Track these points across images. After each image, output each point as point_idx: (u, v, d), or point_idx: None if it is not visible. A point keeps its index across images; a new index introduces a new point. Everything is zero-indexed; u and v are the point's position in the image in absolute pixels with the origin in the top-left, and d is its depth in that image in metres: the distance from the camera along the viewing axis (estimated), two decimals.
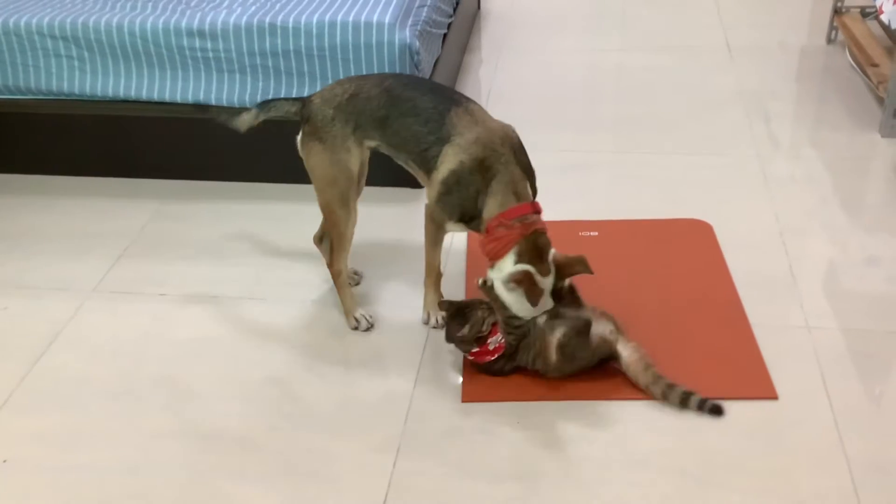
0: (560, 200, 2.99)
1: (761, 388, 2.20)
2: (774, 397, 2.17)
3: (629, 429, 2.10)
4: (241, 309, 2.56)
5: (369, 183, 2.53)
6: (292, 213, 2.93)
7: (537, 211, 2.20)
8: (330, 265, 2.44)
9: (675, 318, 2.42)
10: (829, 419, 2.11)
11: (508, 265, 2.14)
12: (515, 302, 2.16)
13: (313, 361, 2.35)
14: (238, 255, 2.79)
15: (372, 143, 2.32)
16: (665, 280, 2.58)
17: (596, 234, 2.80)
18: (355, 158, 2.31)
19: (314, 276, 2.60)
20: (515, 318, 2.18)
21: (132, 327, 2.50)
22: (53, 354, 2.41)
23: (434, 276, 2.41)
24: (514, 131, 2.25)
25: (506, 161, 2.17)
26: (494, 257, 2.18)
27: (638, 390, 2.18)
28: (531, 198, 2.22)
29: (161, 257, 2.78)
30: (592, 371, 2.23)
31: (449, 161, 2.18)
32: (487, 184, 2.16)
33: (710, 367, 2.26)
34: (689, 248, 2.72)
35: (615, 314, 2.44)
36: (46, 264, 2.78)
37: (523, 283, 2.11)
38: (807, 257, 2.67)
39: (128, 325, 2.51)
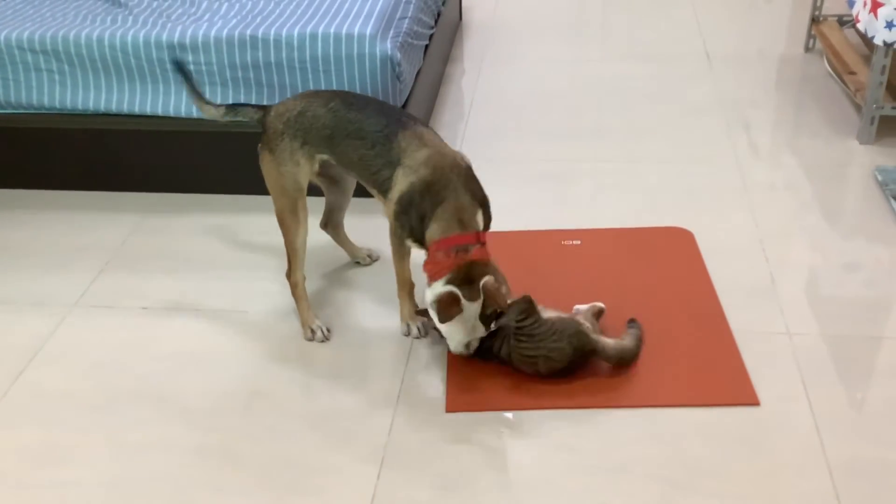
0: (542, 209, 3.02)
1: (743, 395, 2.21)
2: (756, 403, 2.18)
3: (612, 436, 2.11)
4: (224, 321, 2.56)
5: (358, 194, 2.55)
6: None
7: (481, 241, 2.19)
8: (287, 276, 2.46)
9: (657, 326, 2.43)
10: (810, 424, 2.12)
11: (438, 288, 2.16)
12: (441, 325, 2.19)
13: (296, 373, 2.35)
14: (220, 268, 2.79)
15: (323, 157, 2.34)
16: (647, 288, 2.59)
17: (578, 242, 2.81)
18: (304, 171, 2.34)
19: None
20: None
21: (114, 341, 2.49)
22: (34, 369, 2.40)
23: (406, 287, 2.41)
24: (464, 158, 2.26)
25: (454, 188, 2.17)
26: (431, 279, 2.20)
27: (622, 398, 2.19)
28: (478, 227, 2.21)
29: (143, 271, 2.77)
30: (576, 378, 2.23)
31: (400, 183, 2.20)
32: (433, 209, 2.17)
33: (692, 374, 2.27)
34: (670, 255, 2.73)
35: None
36: (27, 279, 2.76)
37: (441, 301, 2.13)
38: (787, 264, 2.69)
39: (109, 338, 2.50)
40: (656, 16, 4.61)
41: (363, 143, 2.24)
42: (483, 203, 2.25)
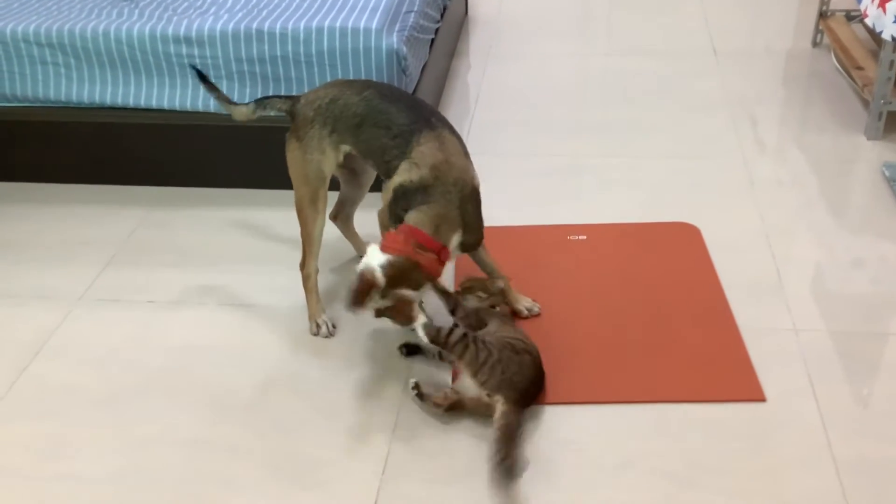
0: (547, 204, 3.02)
1: (749, 390, 2.20)
2: (762, 399, 2.18)
3: (617, 431, 2.11)
4: (229, 315, 2.56)
5: (373, 189, 2.56)
6: (280, 219, 2.92)
7: (441, 259, 2.15)
8: (301, 266, 2.45)
9: (663, 321, 2.43)
10: (816, 421, 2.12)
11: (376, 256, 2.10)
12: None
13: (302, 367, 2.35)
14: (226, 262, 2.79)
15: (347, 148, 2.34)
16: (653, 283, 2.59)
17: (584, 237, 2.81)
18: (329, 161, 2.34)
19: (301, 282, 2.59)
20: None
21: (119, 335, 2.49)
22: (40, 363, 2.40)
23: None
24: (475, 178, 2.23)
25: (448, 199, 2.16)
26: (382, 248, 2.13)
27: (627, 393, 2.19)
28: (447, 242, 2.16)
29: (148, 264, 2.78)
30: (577, 373, 2.23)
31: (401, 174, 2.19)
32: (419, 204, 2.15)
33: (698, 370, 2.27)
34: (676, 251, 2.73)
35: (603, 317, 2.46)
36: (33, 272, 2.76)
37: (362, 279, 2.07)
38: (793, 259, 2.69)
39: (115, 332, 2.50)
40: (663, 11, 4.59)
41: (387, 133, 2.23)
42: (468, 228, 2.21)
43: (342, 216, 2.68)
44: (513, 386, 2.07)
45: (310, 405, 2.23)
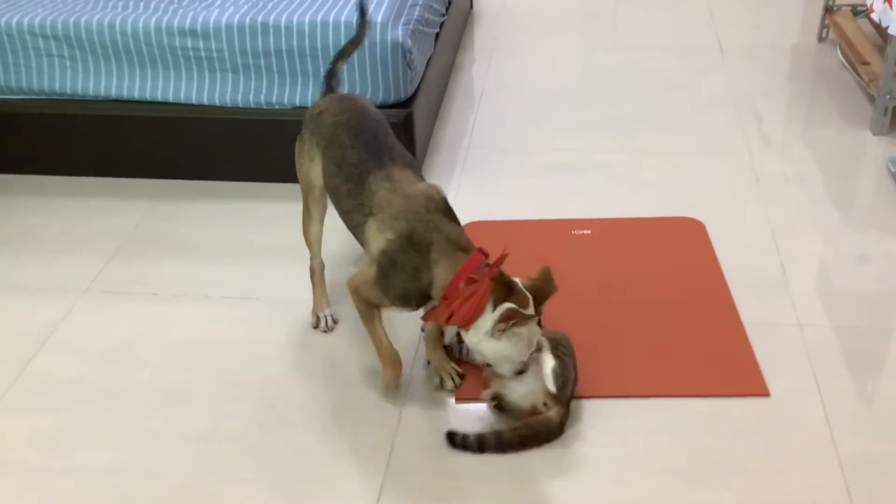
0: (552, 199, 3.01)
1: (753, 386, 2.20)
2: (766, 395, 2.18)
3: (620, 427, 2.11)
4: (234, 309, 2.56)
5: None
6: (285, 213, 2.92)
7: (486, 254, 1.99)
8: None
9: (668, 317, 2.42)
10: (820, 416, 2.12)
11: (488, 317, 1.94)
12: (506, 349, 1.97)
13: (306, 361, 2.35)
14: (230, 255, 2.79)
15: None
16: (658, 278, 2.59)
17: (589, 232, 2.80)
18: (316, 170, 2.26)
19: (307, 276, 2.59)
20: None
21: (124, 328, 2.50)
22: (45, 355, 2.41)
23: (389, 355, 2.17)
24: (438, 191, 2.04)
25: (436, 225, 1.97)
26: (472, 319, 1.94)
27: (631, 388, 2.19)
28: (474, 246, 2.00)
29: (153, 257, 2.78)
30: (581, 369, 2.23)
31: (376, 239, 2.01)
32: (426, 255, 1.96)
33: (703, 365, 2.26)
34: (681, 246, 2.73)
35: (607, 312, 2.45)
36: (38, 264, 2.77)
37: (511, 318, 1.91)
38: (798, 255, 2.68)
39: (120, 325, 2.51)
40: (669, 6, 4.58)
41: (339, 173, 2.14)
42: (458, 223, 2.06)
43: None
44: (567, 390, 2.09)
45: (314, 399, 2.23)
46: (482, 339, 1.96)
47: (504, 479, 1.98)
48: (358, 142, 2.15)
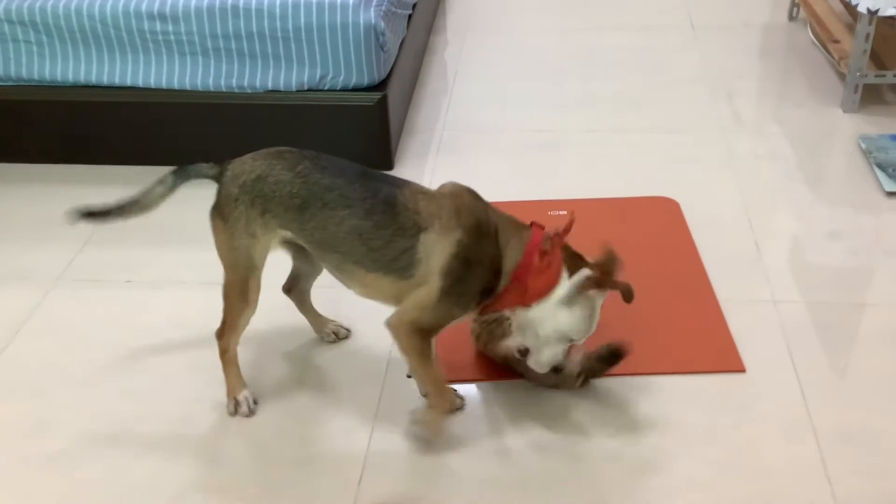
0: (528, 180, 3.02)
1: (729, 362, 2.23)
2: (742, 370, 2.20)
3: (599, 403, 2.12)
4: (209, 295, 2.53)
5: None
6: None
7: (543, 227, 1.96)
8: (218, 336, 2.13)
9: (644, 295, 2.42)
10: (795, 390, 2.14)
11: (564, 285, 1.90)
12: (576, 322, 1.92)
13: (284, 342, 2.35)
14: (206, 241, 2.72)
15: (288, 234, 1.98)
16: (633, 257, 2.57)
17: (564, 213, 2.78)
18: (261, 246, 1.99)
19: (282, 257, 2.58)
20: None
21: (99, 315, 2.48)
22: (20, 344, 2.38)
23: (449, 397, 2.07)
24: (461, 184, 1.98)
25: (490, 209, 1.93)
26: (547, 291, 1.90)
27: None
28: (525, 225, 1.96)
29: (127, 244, 2.75)
30: None
31: (440, 248, 1.85)
32: (496, 241, 1.89)
33: (679, 342, 2.28)
34: (656, 225, 2.74)
35: None
36: (9, 252, 2.74)
37: (595, 283, 1.88)
38: (772, 232, 2.71)
39: (94, 312, 2.49)
40: None
41: (352, 213, 1.88)
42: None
43: (296, 291, 2.29)
44: None
45: (294, 382, 2.23)
46: (554, 310, 1.90)
47: (486, 458, 1.99)
48: (351, 175, 1.94)
